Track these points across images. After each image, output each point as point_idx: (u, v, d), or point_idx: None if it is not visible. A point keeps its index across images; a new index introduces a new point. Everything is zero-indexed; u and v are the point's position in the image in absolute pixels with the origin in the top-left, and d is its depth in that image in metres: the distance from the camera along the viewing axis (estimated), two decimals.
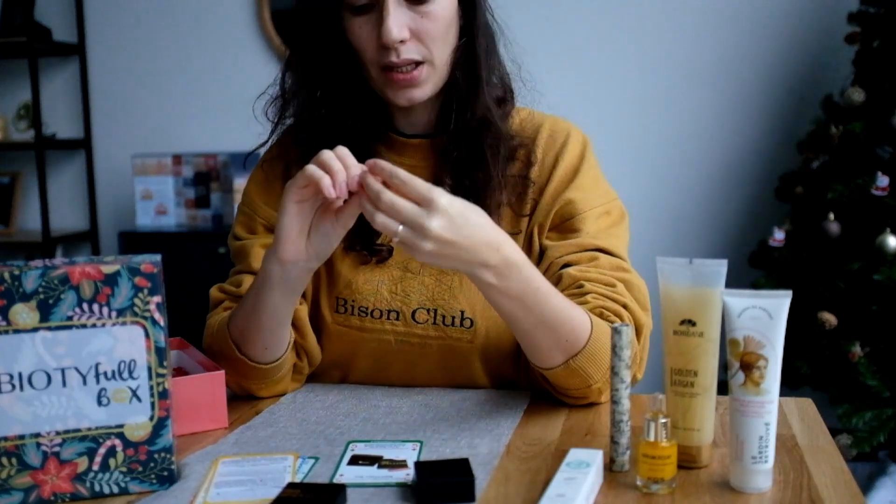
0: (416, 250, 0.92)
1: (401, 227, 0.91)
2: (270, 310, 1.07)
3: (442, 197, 0.91)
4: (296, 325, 1.16)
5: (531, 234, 1.18)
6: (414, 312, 1.17)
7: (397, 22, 1.08)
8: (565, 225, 1.17)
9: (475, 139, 1.16)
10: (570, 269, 1.12)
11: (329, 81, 1.16)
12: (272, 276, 1.03)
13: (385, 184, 0.92)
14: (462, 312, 1.16)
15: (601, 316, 1.07)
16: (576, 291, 1.10)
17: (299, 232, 1.00)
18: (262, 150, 1.26)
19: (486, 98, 1.15)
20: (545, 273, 1.14)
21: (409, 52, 1.10)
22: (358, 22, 1.11)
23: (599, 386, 1.06)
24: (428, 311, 1.17)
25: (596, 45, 3.16)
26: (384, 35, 1.08)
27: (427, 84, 1.13)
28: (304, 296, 1.18)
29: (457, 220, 0.92)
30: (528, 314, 1.00)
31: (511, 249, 0.97)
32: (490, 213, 1.13)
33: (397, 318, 1.18)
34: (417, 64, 1.11)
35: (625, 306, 1.10)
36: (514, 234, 1.17)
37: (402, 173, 0.92)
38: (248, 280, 1.19)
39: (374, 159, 0.94)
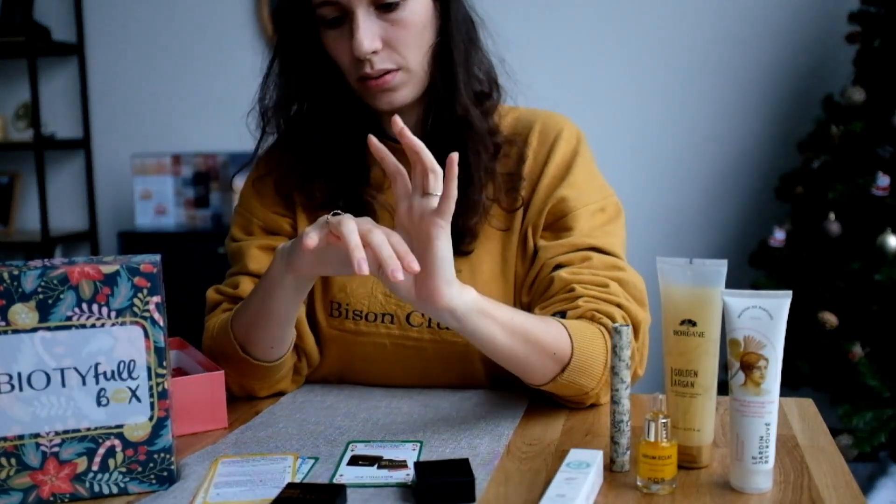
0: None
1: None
2: (280, 311, 1.06)
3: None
4: (294, 326, 1.15)
5: (525, 234, 1.17)
6: (409, 315, 1.17)
7: (368, 34, 1.08)
8: (558, 223, 1.16)
9: (454, 139, 1.14)
10: (562, 272, 1.11)
11: (317, 92, 1.17)
12: (284, 282, 1.02)
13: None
14: None
15: (593, 319, 1.06)
16: (567, 296, 1.09)
17: (317, 259, 0.98)
18: (259, 152, 1.26)
19: (464, 97, 1.14)
20: (537, 274, 1.14)
21: (383, 61, 1.10)
22: (332, 35, 1.11)
23: (597, 391, 1.06)
24: (423, 314, 1.17)
25: (595, 44, 3.16)
26: (356, 48, 1.08)
27: (404, 88, 1.13)
28: None
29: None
30: (508, 334, 0.98)
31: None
32: (470, 212, 1.13)
33: (392, 322, 1.17)
34: (390, 70, 1.11)
35: (619, 305, 1.09)
36: (504, 231, 1.17)
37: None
38: (244, 281, 1.19)
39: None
